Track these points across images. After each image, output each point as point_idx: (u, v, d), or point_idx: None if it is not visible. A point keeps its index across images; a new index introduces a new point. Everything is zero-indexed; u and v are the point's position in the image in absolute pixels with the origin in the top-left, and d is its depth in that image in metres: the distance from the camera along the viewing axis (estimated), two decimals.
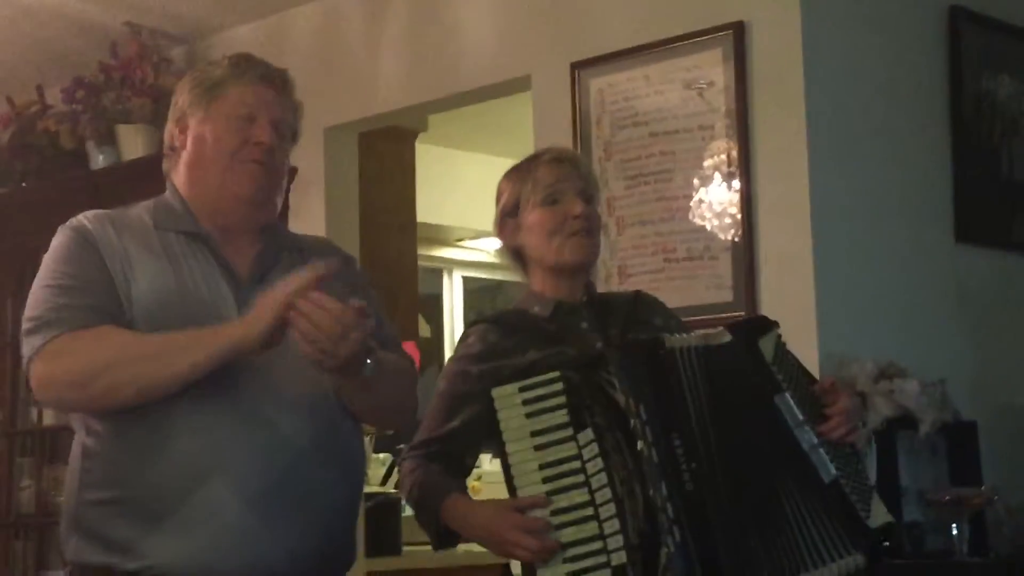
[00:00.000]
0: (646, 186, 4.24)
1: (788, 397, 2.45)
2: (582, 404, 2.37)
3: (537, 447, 2.37)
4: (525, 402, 2.39)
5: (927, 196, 4.35)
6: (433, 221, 6.86)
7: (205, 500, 2.31)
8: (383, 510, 5.19)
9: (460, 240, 7.66)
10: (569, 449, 2.36)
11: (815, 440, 2.44)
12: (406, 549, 5.28)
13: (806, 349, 3.62)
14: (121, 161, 5.50)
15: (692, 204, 4.13)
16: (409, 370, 2.63)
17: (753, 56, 4.05)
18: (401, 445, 2.71)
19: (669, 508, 2.29)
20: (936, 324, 4.25)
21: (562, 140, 4.31)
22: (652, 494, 2.29)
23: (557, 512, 2.35)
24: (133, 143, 5.45)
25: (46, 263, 2.47)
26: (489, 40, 4.77)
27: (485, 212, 2.90)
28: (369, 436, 5.10)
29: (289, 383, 2.40)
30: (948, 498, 3.63)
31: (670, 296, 2.94)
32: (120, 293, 2.40)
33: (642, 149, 4.26)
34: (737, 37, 4.05)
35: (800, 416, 2.45)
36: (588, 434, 2.35)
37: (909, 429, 3.75)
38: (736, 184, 4.03)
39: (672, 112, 4.19)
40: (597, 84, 4.37)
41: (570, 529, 2.34)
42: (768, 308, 3.88)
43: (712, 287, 4.05)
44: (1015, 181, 4.61)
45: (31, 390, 2.42)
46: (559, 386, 2.39)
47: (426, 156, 6.38)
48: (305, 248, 2.63)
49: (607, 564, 2.30)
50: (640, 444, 2.32)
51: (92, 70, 5.59)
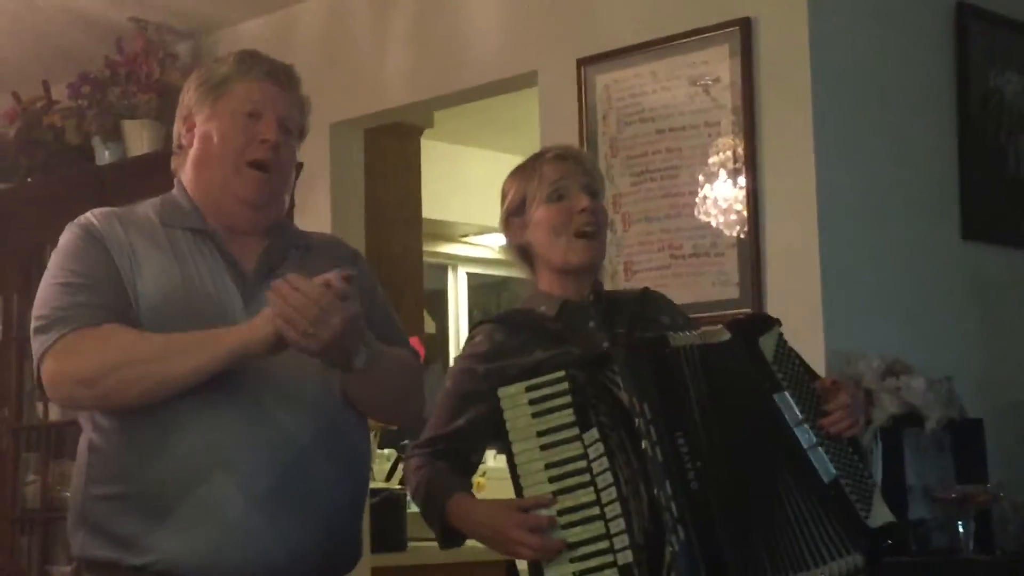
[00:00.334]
0: (652, 182, 4.23)
1: (787, 395, 2.44)
2: (588, 403, 2.37)
3: (543, 447, 2.38)
4: (531, 402, 2.39)
5: (934, 193, 4.34)
6: (438, 217, 6.85)
7: (209, 496, 2.32)
8: (388, 506, 5.18)
9: (465, 236, 7.65)
10: (575, 449, 2.36)
11: (814, 439, 2.43)
12: (411, 545, 5.28)
13: (812, 346, 3.62)
14: (127, 157, 5.50)
15: (698, 200, 4.12)
16: (415, 366, 2.63)
17: (760, 52, 4.04)
18: (406, 441, 2.71)
19: (674, 507, 2.29)
20: (943, 321, 4.24)
21: (568, 136, 4.31)
22: (657, 493, 2.29)
23: (563, 512, 2.35)
24: (139, 139, 5.44)
25: (54, 260, 2.47)
26: (495, 36, 4.76)
27: (490, 208, 2.89)
28: (374, 432, 5.10)
29: (293, 380, 2.40)
30: (954, 496, 3.63)
31: (676, 293, 2.94)
32: (127, 289, 2.40)
33: (648, 145, 4.25)
34: (744, 33, 4.04)
35: (799, 415, 2.43)
36: (593, 434, 2.35)
37: (915, 426, 3.75)
38: (742, 181, 4.03)
39: (679, 108, 4.19)
40: (603, 80, 4.37)
41: (576, 528, 2.33)
42: (774, 305, 3.87)
43: (718, 284, 4.04)
44: (1022, 178, 4.60)
45: (41, 386, 2.41)
46: (565, 386, 2.39)
47: (432, 152, 6.37)
48: (312, 245, 2.63)
49: (613, 563, 2.30)
50: (644, 443, 2.32)
51: (98, 65, 5.59)
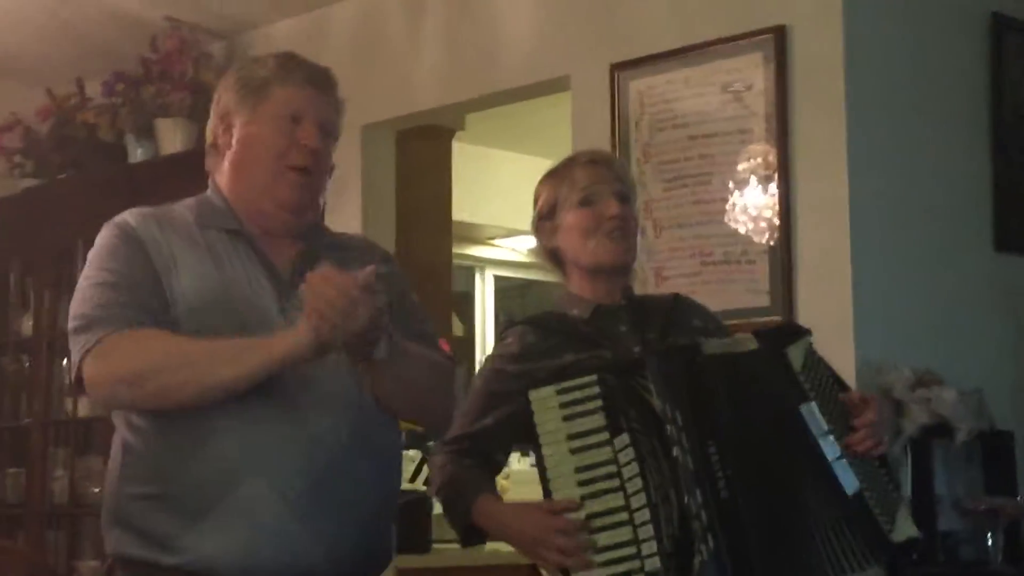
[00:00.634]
0: (684, 189, 4.23)
1: (814, 406, 2.43)
2: (619, 408, 2.37)
3: (573, 450, 2.37)
4: (562, 405, 2.38)
5: (966, 203, 4.32)
6: (467, 219, 6.85)
7: (245, 498, 2.32)
8: (413, 507, 5.16)
9: (492, 239, 7.65)
10: (605, 453, 2.36)
11: (839, 451, 2.41)
12: (435, 547, 5.28)
13: (843, 356, 3.61)
14: (159, 155, 5.53)
15: (729, 207, 4.11)
16: (445, 366, 2.62)
17: (794, 60, 4.04)
18: (431, 443, 2.70)
19: (703, 515, 2.28)
20: (974, 332, 4.23)
21: (601, 142, 4.30)
22: (687, 501, 2.29)
23: (591, 516, 2.34)
24: (171, 137, 5.47)
25: (92, 260, 2.47)
26: (528, 40, 4.76)
27: (519, 211, 2.90)
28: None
29: (328, 382, 2.40)
30: (984, 507, 3.62)
31: (706, 300, 2.93)
32: (165, 290, 2.40)
33: (680, 152, 4.25)
34: (778, 41, 4.04)
35: (825, 426, 2.42)
36: (624, 439, 2.35)
37: (945, 437, 3.73)
38: (773, 188, 4.02)
39: (711, 115, 4.18)
40: (636, 86, 4.36)
41: (604, 534, 2.33)
42: (805, 313, 3.86)
43: (749, 291, 4.03)
44: None
45: (80, 385, 2.42)
46: (596, 390, 2.38)
47: (462, 155, 6.37)
48: (345, 247, 2.63)
49: (641, 569, 2.30)
50: (675, 450, 2.31)
51: (132, 64, 5.61)
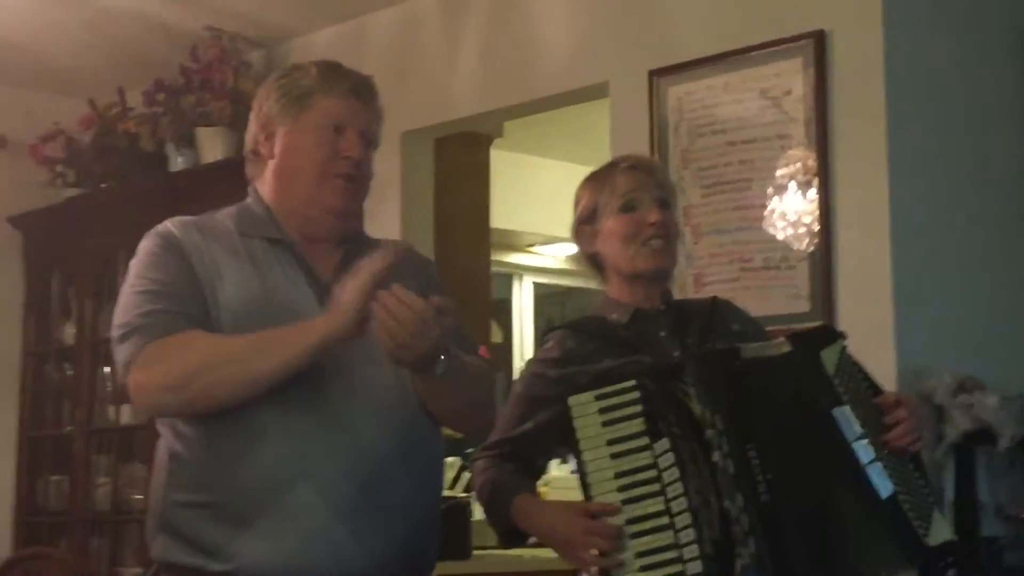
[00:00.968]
0: (723, 194, 4.22)
1: (847, 410, 2.41)
2: (658, 413, 2.36)
3: (613, 455, 2.37)
4: (602, 410, 2.38)
5: (1008, 208, 4.30)
6: (505, 227, 6.86)
7: (292, 505, 2.33)
8: (453, 514, 5.17)
9: (531, 246, 7.65)
10: (645, 458, 2.35)
11: (873, 455, 2.40)
12: (476, 553, 5.28)
13: (883, 361, 3.60)
14: (200, 164, 5.56)
15: (768, 213, 4.11)
16: (488, 374, 2.63)
17: (833, 65, 4.02)
18: (470, 449, 2.71)
19: (744, 519, 2.28)
20: (1016, 337, 4.20)
21: (640, 147, 4.30)
22: (727, 505, 2.29)
23: (632, 520, 2.34)
24: (212, 146, 5.50)
25: (134, 269, 2.48)
26: (567, 46, 4.77)
27: (558, 218, 2.90)
28: None
29: (374, 390, 2.41)
30: None
31: (746, 305, 2.92)
32: (207, 298, 2.42)
33: (720, 157, 4.24)
34: (818, 46, 4.03)
35: (858, 429, 2.41)
36: (664, 443, 2.35)
37: (988, 443, 3.71)
38: (813, 194, 4.01)
39: (750, 121, 4.18)
40: (675, 92, 4.36)
41: (646, 538, 2.32)
42: (845, 319, 3.85)
43: (789, 297, 4.02)
44: None
45: (127, 394, 2.44)
46: (635, 395, 2.38)
47: (500, 161, 6.38)
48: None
49: (682, 574, 2.29)
50: (716, 454, 2.31)
51: (173, 73, 5.65)
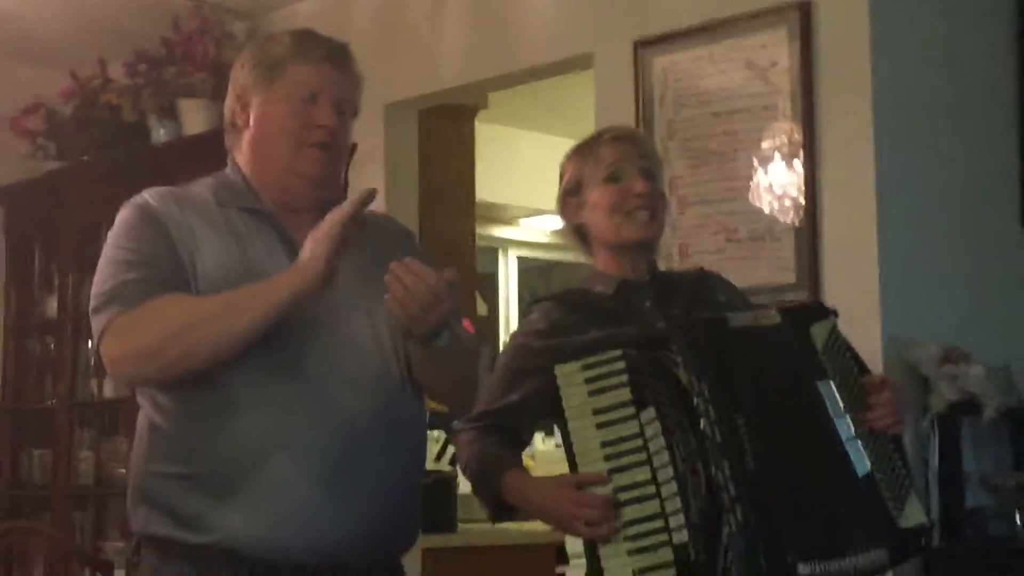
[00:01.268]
0: (708, 166, 4.21)
1: (832, 385, 2.43)
2: (644, 382, 2.37)
3: (599, 425, 2.37)
4: (588, 380, 2.39)
5: (994, 180, 4.30)
6: (490, 199, 6.84)
7: (271, 477, 2.32)
8: (438, 487, 5.19)
9: (516, 218, 7.64)
10: (631, 427, 2.36)
11: (853, 432, 2.41)
12: (461, 526, 5.29)
13: (869, 332, 3.60)
14: (182, 135, 5.53)
15: (754, 185, 4.10)
16: (476, 349, 2.62)
17: (819, 36, 4.01)
18: (455, 422, 2.70)
19: (731, 487, 2.29)
20: (1001, 308, 4.20)
21: (625, 119, 4.29)
22: (714, 473, 2.29)
23: (619, 490, 2.34)
24: (194, 118, 5.46)
25: (111, 239, 2.46)
26: (551, 17, 4.74)
27: (543, 191, 2.89)
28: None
29: (354, 361, 2.40)
30: (1012, 484, 3.60)
31: (732, 276, 2.92)
32: (185, 267, 2.40)
33: (705, 128, 4.23)
34: (803, 16, 4.01)
35: (841, 405, 2.42)
36: (650, 412, 2.35)
37: (973, 414, 3.72)
38: (799, 165, 4.00)
39: (735, 92, 4.16)
40: (660, 63, 4.34)
41: (632, 507, 2.33)
42: (831, 290, 3.85)
43: (775, 268, 4.02)
44: None
45: (103, 365, 2.42)
46: (621, 364, 2.38)
47: (485, 134, 6.36)
48: (367, 224, 2.62)
49: (668, 542, 2.30)
50: (703, 423, 2.32)
51: (154, 44, 5.60)
